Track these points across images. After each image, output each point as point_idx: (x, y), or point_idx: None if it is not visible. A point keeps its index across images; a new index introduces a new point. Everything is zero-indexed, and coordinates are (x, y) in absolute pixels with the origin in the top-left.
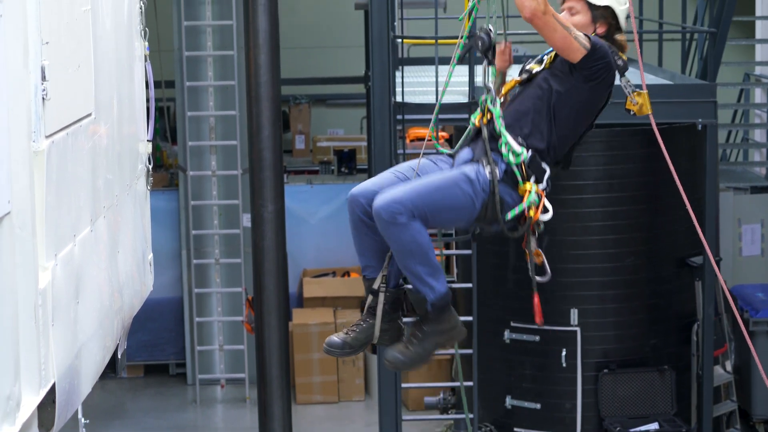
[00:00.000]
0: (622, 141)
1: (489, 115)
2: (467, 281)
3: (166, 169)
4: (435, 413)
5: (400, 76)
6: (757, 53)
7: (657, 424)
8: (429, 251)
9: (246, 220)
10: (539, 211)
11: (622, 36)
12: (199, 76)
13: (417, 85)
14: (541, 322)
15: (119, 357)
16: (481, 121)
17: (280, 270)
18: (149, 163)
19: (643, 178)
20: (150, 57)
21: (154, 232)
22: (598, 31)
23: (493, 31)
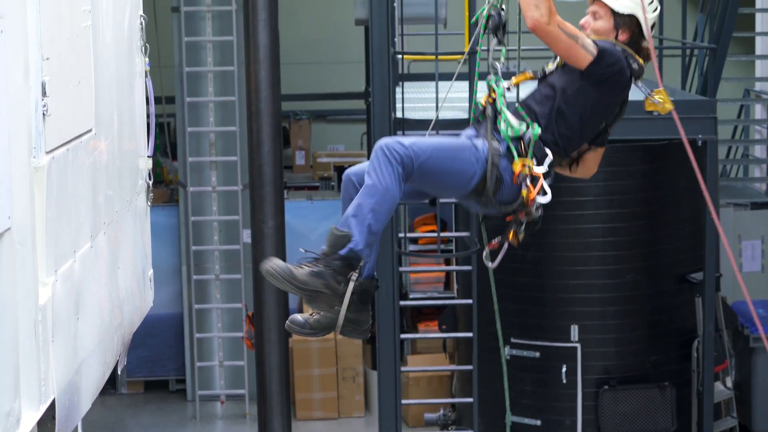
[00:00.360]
0: (622, 157)
1: (494, 95)
2: (467, 297)
3: (166, 184)
4: (435, 429)
5: (400, 92)
6: (757, 69)
7: None
8: (388, 206)
9: (246, 236)
10: (536, 192)
11: (648, 44)
12: (199, 91)
13: (417, 101)
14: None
15: (119, 373)
16: (487, 101)
17: None
18: (149, 178)
19: (644, 194)
20: (150, 72)
21: (154, 247)
22: (620, 38)
23: (504, 10)
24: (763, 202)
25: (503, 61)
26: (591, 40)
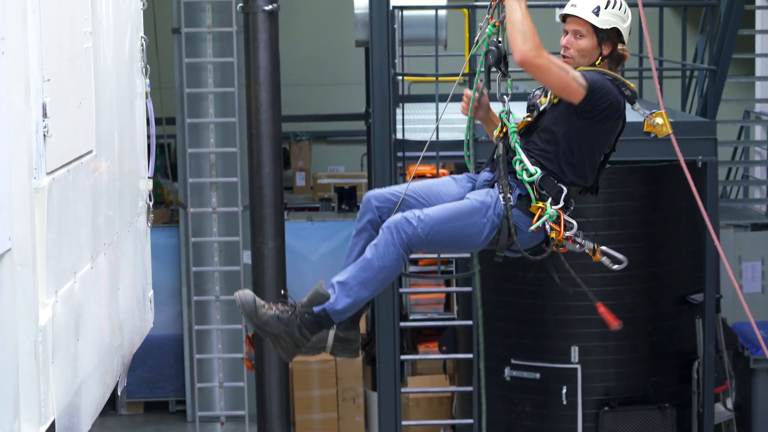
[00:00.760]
0: (621, 178)
1: (505, 129)
2: (467, 318)
3: (166, 205)
4: None
5: (400, 113)
6: (757, 90)
7: None
8: (381, 281)
9: (246, 257)
10: (562, 229)
11: (623, 46)
12: (199, 112)
13: (417, 122)
14: (616, 325)
15: (119, 394)
16: (497, 137)
17: None
18: (150, 199)
19: (644, 215)
20: (151, 94)
21: (155, 268)
22: (604, 51)
23: (503, 43)
24: (763, 223)
25: (510, 92)
26: (579, 72)
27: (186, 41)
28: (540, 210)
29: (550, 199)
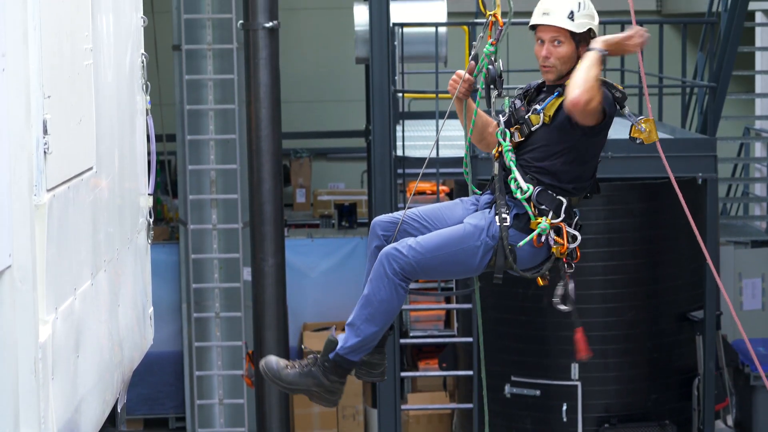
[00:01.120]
0: (621, 195)
1: (500, 148)
2: (467, 335)
3: (166, 222)
4: None
5: (400, 130)
6: (756, 107)
7: None
8: (384, 313)
9: (246, 274)
10: (566, 242)
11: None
12: (200, 129)
13: (417, 139)
14: (585, 356)
15: (119, 411)
16: (493, 157)
17: (280, 324)
18: (150, 216)
19: (643, 232)
20: (151, 110)
21: (155, 285)
22: (581, 54)
23: (497, 61)
24: (763, 240)
25: (506, 111)
26: None
27: (186, 58)
28: (539, 226)
29: (550, 213)
